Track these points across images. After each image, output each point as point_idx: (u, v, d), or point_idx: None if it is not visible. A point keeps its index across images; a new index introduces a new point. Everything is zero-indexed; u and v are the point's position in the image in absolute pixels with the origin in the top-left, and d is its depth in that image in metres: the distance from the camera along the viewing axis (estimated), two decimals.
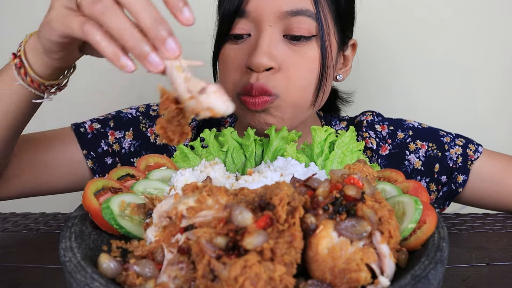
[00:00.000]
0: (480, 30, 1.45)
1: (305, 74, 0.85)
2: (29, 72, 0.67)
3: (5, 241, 0.79)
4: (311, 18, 0.83)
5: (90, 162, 1.00)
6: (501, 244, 0.78)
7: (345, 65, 0.99)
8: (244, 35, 0.85)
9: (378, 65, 1.48)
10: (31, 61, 0.67)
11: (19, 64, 0.67)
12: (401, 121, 1.04)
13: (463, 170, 0.96)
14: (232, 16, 0.83)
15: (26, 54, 0.67)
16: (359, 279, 0.45)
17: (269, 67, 0.82)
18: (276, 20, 0.82)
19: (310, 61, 0.85)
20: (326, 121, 1.10)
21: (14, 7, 1.48)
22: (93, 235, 0.58)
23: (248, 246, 0.44)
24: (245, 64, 0.84)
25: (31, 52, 0.67)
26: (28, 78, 0.68)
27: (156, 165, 0.76)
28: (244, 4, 0.82)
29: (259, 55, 0.81)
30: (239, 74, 0.86)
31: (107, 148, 1.01)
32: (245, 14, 0.83)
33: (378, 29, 1.41)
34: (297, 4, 0.82)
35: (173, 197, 0.55)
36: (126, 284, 0.48)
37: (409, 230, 0.53)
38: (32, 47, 0.67)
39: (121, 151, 1.03)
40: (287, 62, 0.84)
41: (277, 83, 0.84)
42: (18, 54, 0.68)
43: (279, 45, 0.83)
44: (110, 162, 1.02)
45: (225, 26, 0.85)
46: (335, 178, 0.54)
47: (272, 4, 0.81)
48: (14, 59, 0.68)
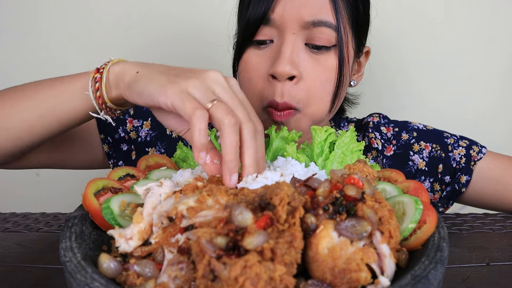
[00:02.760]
0: (491, 32, 1.45)
1: (324, 83, 0.88)
2: (102, 90, 0.70)
3: (5, 241, 0.79)
4: (331, 29, 0.85)
5: (106, 147, 1.05)
6: (501, 244, 0.78)
7: (358, 70, 1.02)
8: (267, 41, 0.88)
9: (386, 66, 1.48)
10: (111, 80, 0.69)
11: (98, 79, 0.70)
12: (406, 123, 1.07)
13: (466, 171, 0.98)
14: (257, 23, 0.86)
15: (108, 75, 0.69)
16: (359, 279, 0.45)
17: (292, 75, 0.85)
18: (299, 29, 0.85)
19: (329, 70, 0.88)
20: (335, 123, 1.13)
21: (14, 7, 1.48)
22: (93, 235, 0.58)
23: (248, 246, 0.44)
24: (268, 72, 0.87)
25: (113, 78, 0.69)
26: (98, 93, 0.70)
27: (156, 165, 0.76)
28: (270, 12, 0.85)
29: (283, 63, 0.84)
30: (262, 83, 0.88)
31: (124, 135, 1.06)
32: (270, 21, 0.86)
33: (386, 30, 1.42)
34: (318, 15, 0.84)
35: (173, 197, 0.55)
36: (126, 284, 0.48)
37: (409, 230, 0.53)
38: (117, 76, 0.69)
39: (137, 139, 1.06)
40: (308, 71, 0.87)
41: (299, 96, 0.87)
42: (101, 71, 0.70)
43: (300, 53, 0.86)
44: (126, 149, 1.06)
45: (249, 31, 0.88)
46: (335, 178, 0.54)
47: (296, 14, 0.84)
48: (96, 73, 0.70)
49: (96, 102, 0.71)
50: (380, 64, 1.44)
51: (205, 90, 0.59)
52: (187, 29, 1.49)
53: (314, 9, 0.84)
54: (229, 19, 0.99)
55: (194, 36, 1.49)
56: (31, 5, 1.48)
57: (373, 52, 1.04)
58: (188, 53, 1.51)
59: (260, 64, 0.88)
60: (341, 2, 0.86)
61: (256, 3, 0.85)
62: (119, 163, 1.07)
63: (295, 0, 0.84)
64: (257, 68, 0.89)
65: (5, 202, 1.59)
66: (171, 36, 1.50)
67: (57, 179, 1.61)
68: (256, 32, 0.87)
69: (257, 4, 0.85)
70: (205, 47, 1.47)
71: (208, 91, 0.59)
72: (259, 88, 0.89)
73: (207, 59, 1.49)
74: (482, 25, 1.45)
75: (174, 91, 0.59)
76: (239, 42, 0.91)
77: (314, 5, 0.84)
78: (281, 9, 0.85)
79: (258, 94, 0.89)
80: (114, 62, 0.71)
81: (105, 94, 0.70)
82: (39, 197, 1.62)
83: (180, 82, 0.59)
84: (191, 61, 1.52)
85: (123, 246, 0.53)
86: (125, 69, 0.68)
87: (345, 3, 0.87)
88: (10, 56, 1.52)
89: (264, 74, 0.88)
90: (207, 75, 0.61)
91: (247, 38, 0.88)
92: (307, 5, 0.84)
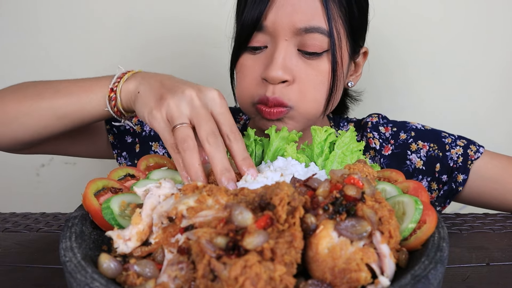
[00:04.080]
0: (490, 31, 1.45)
1: (317, 86, 0.90)
2: (118, 106, 0.78)
3: (5, 241, 0.79)
4: (323, 35, 0.86)
5: (111, 137, 1.09)
6: (501, 244, 0.78)
7: (356, 71, 1.03)
8: (261, 47, 0.90)
9: (386, 65, 1.48)
10: (123, 99, 0.77)
11: (113, 98, 0.78)
12: (405, 123, 1.07)
13: (463, 170, 0.98)
14: (251, 29, 0.88)
15: (121, 95, 0.77)
16: (359, 279, 0.45)
17: (284, 80, 0.86)
18: (291, 35, 0.86)
19: (322, 74, 0.89)
20: (335, 123, 1.14)
21: (14, 7, 1.48)
22: (93, 235, 0.58)
23: (248, 246, 0.44)
24: (261, 76, 0.89)
25: (124, 97, 0.77)
26: (116, 109, 0.79)
27: (156, 165, 0.76)
28: (262, 19, 0.86)
29: (275, 69, 0.85)
30: (255, 85, 0.90)
31: (128, 128, 1.10)
32: (263, 28, 0.87)
33: (386, 30, 1.42)
34: (310, 21, 0.85)
35: (173, 197, 0.55)
36: (126, 284, 0.48)
37: (409, 230, 0.53)
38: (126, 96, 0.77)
39: (141, 133, 1.10)
40: (301, 75, 0.88)
41: (292, 95, 0.88)
42: (114, 89, 0.78)
43: (293, 58, 0.88)
44: (130, 141, 1.10)
45: (243, 38, 0.89)
46: (335, 178, 0.54)
47: (288, 21, 0.85)
48: (111, 93, 0.78)
49: (116, 115, 0.80)
50: (379, 64, 1.44)
51: (177, 114, 0.66)
52: (188, 29, 1.49)
53: (306, 16, 0.85)
54: (227, 20, 1.00)
55: (195, 36, 1.49)
56: (30, 5, 1.48)
57: (372, 52, 1.04)
58: (191, 53, 1.51)
59: (254, 68, 0.90)
60: (334, 6, 0.87)
61: (249, 10, 0.87)
62: (123, 153, 1.10)
63: (287, 7, 0.85)
64: (251, 71, 0.91)
65: (5, 202, 1.59)
66: (171, 37, 1.50)
67: (57, 179, 1.62)
68: (250, 38, 0.89)
69: (251, 11, 0.86)
70: (206, 47, 1.47)
71: (179, 115, 0.66)
72: (252, 87, 0.91)
73: (208, 59, 1.49)
74: (481, 24, 1.45)
75: (156, 120, 0.67)
76: (235, 47, 0.93)
77: (306, 11, 0.85)
78: (273, 16, 0.86)
79: (250, 93, 0.91)
80: (125, 79, 0.77)
81: (122, 110, 0.79)
82: (39, 197, 1.62)
83: (162, 109, 0.67)
84: (192, 61, 1.52)
85: (121, 247, 0.53)
86: (130, 89, 0.76)
87: (339, 7, 0.87)
88: (10, 56, 1.52)
89: (257, 77, 0.90)
90: (181, 95, 0.67)
91: (242, 44, 0.90)
92: (299, 11, 0.85)
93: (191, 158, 0.62)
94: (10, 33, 1.51)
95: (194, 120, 0.66)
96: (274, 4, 0.85)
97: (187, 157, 0.62)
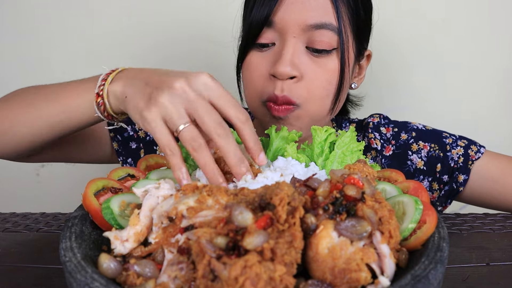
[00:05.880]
0: (492, 33, 1.45)
1: (324, 84, 0.90)
2: (108, 110, 0.73)
3: (5, 241, 0.79)
4: (333, 32, 0.87)
5: (115, 144, 1.09)
6: (501, 244, 0.78)
7: (359, 73, 1.03)
8: (269, 44, 0.90)
9: (388, 65, 1.49)
10: (113, 104, 0.72)
11: (101, 103, 0.72)
12: (406, 123, 1.07)
13: (464, 170, 0.98)
14: (260, 26, 0.88)
15: (109, 97, 0.72)
16: (359, 279, 0.45)
17: (293, 75, 0.87)
18: (300, 32, 0.87)
19: (329, 72, 0.90)
20: (337, 124, 1.14)
21: (13, 7, 1.48)
22: (93, 235, 0.58)
23: (248, 246, 0.44)
24: (269, 72, 0.89)
25: (113, 101, 0.72)
26: (106, 113, 0.74)
27: (156, 165, 0.76)
28: (272, 16, 0.87)
29: (284, 64, 0.86)
30: (263, 81, 0.91)
31: (132, 134, 1.10)
32: (272, 24, 0.87)
33: (388, 31, 1.42)
34: (321, 18, 0.86)
35: (173, 197, 0.55)
36: (126, 284, 0.48)
37: (409, 230, 0.53)
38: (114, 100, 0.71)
39: (145, 138, 1.11)
40: (308, 72, 0.88)
41: (300, 92, 0.89)
42: (100, 94, 0.72)
43: (301, 56, 0.88)
44: (135, 147, 1.11)
45: (252, 34, 0.89)
46: (335, 178, 0.54)
47: (298, 17, 0.85)
48: (97, 98, 0.72)
49: (107, 119, 0.75)
50: (381, 65, 1.44)
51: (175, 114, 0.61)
52: (194, 29, 1.49)
53: (316, 12, 0.85)
54: (234, 20, 1.01)
55: (200, 36, 1.49)
56: (29, 5, 1.47)
57: (375, 53, 1.04)
58: (196, 52, 1.51)
59: (262, 65, 0.90)
60: (343, 6, 0.87)
61: (259, 7, 0.87)
62: (128, 160, 1.10)
63: (296, 4, 0.86)
64: (259, 68, 0.91)
65: (5, 202, 1.59)
66: (173, 38, 1.50)
67: (57, 179, 1.61)
68: (258, 35, 0.89)
69: (260, 7, 0.87)
70: (211, 47, 1.47)
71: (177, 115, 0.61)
72: (260, 85, 0.91)
73: (213, 59, 1.49)
74: (483, 26, 1.45)
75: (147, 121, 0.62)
76: (242, 44, 0.93)
77: (316, 8, 0.86)
78: (283, 12, 0.86)
79: (258, 91, 0.91)
80: (109, 81, 0.72)
81: (113, 113, 0.74)
82: (39, 197, 1.62)
83: (152, 108, 0.62)
84: (196, 61, 1.52)
85: (118, 248, 0.53)
86: (117, 94, 0.70)
87: (347, 7, 0.88)
88: (9, 57, 1.52)
89: (265, 74, 0.90)
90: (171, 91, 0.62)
91: (250, 40, 0.90)
92: (310, 8, 0.85)
93: (205, 157, 0.60)
94: (10, 33, 1.50)
95: (194, 114, 0.61)
96: (284, 1, 0.86)
97: (200, 157, 0.60)
